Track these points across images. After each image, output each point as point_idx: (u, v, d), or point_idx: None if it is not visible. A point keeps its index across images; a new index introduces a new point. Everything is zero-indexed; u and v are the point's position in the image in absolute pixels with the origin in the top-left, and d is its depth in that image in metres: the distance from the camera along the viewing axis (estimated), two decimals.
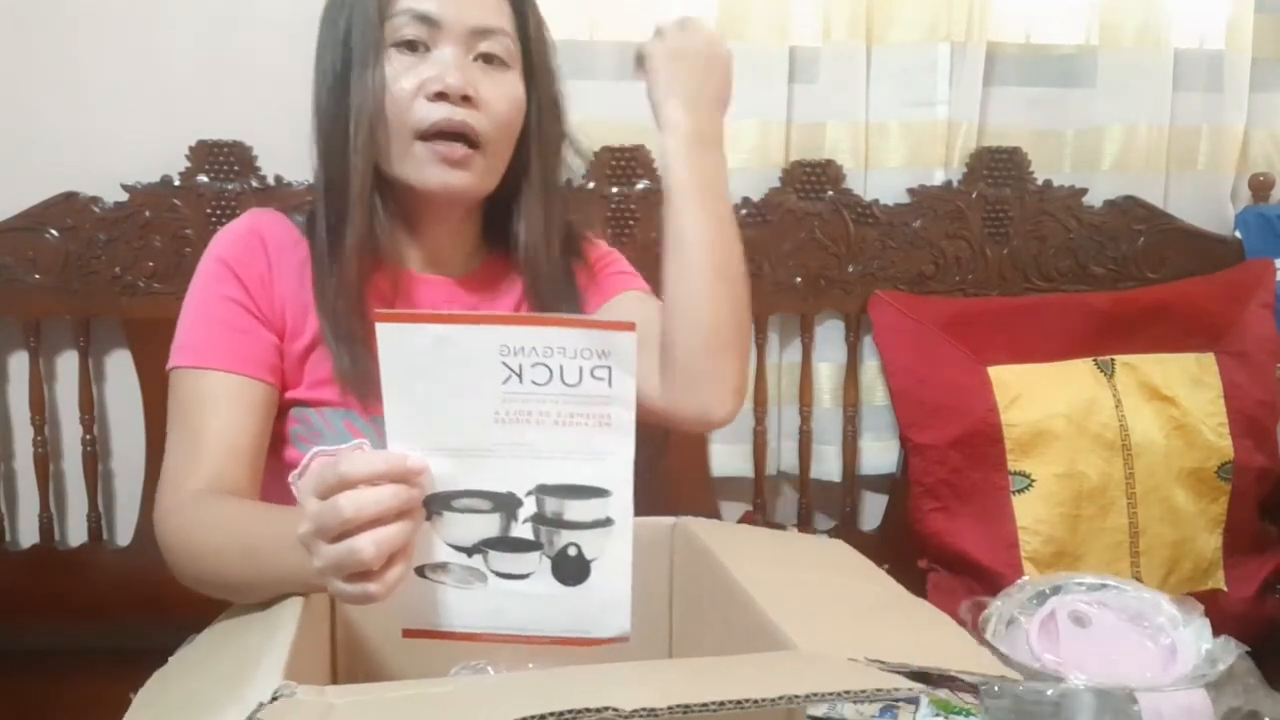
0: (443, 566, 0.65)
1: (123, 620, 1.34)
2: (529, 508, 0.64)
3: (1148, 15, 1.53)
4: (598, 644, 0.67)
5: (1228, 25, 1.55)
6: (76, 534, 1.45)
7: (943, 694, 1.19)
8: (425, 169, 0.86)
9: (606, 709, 0.43)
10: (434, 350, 0.61)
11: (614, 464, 0.64)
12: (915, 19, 1.49)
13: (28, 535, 1.44)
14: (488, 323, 0.62)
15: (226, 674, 0.57)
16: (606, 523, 0.65)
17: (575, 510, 0.64)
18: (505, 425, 0.63)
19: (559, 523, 0.64)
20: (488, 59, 0.87)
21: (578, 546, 0.65)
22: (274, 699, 0.49)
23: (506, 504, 0.64)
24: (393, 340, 0.61)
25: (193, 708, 0.54)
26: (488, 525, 0.65)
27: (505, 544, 0.65)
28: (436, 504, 0.64)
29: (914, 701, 1.18)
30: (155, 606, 1.16)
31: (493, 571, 0.65)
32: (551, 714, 0.42)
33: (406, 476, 0.60)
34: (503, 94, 0.87)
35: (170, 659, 0.67)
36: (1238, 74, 1.55)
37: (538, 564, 0.65)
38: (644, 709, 0.44)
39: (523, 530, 0.65)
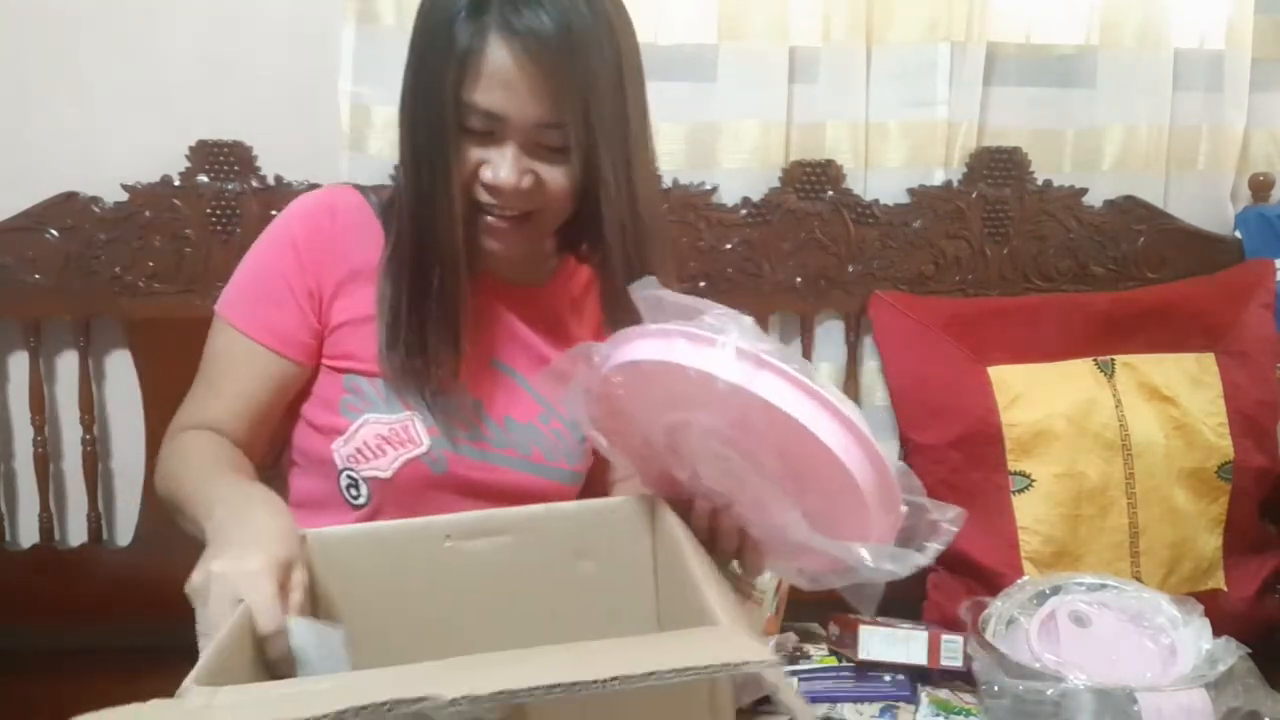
0: None
1: (123, 620, 1.34)
2: None
3: (1148, 15, 1.53)
4: None
5: (1228, 25, 1.55)
6: (76, 534, 1.45)
7: (943, 694, 1.20)
8: (479, 234, 0.91)
9: (423, 698, 0.43)
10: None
11: None
12: (915, 19, 1.49)
13: (28, 535, 1.44)
14: None
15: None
16: None
17: None
18: None
19: None
20: (547, 148, 0.88)
21: None
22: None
23: None
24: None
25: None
26: None
27: None
28: None
29: (914, 702, 1.19)
30: (155, 606, 1.15)
31: None
32: (371, 705, 0.42)
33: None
34: (557, 177, 0.89)
35: None
36: (1238, 74, 1.55)
37: None
38: (465, 695, 0.43)
39: None
